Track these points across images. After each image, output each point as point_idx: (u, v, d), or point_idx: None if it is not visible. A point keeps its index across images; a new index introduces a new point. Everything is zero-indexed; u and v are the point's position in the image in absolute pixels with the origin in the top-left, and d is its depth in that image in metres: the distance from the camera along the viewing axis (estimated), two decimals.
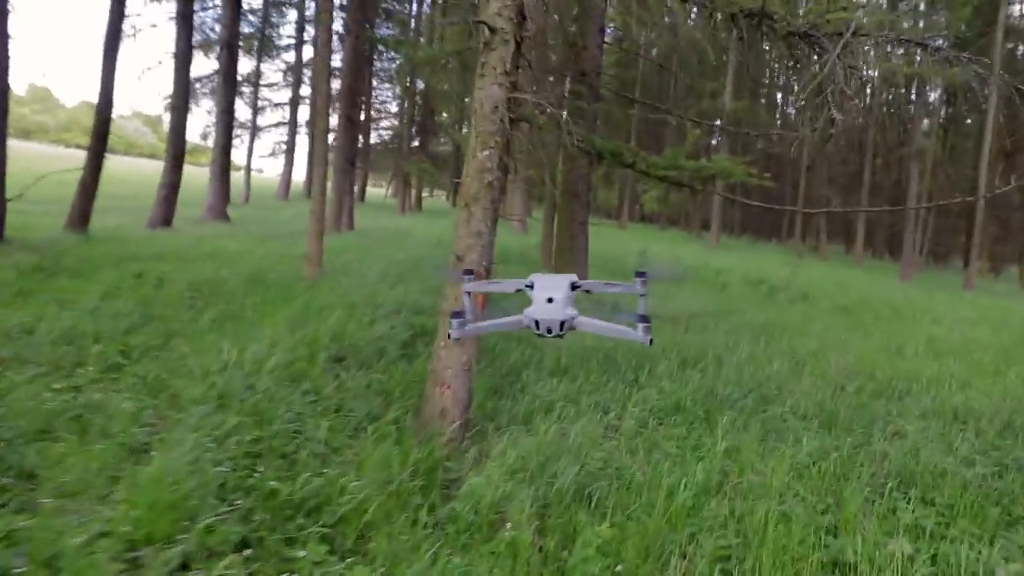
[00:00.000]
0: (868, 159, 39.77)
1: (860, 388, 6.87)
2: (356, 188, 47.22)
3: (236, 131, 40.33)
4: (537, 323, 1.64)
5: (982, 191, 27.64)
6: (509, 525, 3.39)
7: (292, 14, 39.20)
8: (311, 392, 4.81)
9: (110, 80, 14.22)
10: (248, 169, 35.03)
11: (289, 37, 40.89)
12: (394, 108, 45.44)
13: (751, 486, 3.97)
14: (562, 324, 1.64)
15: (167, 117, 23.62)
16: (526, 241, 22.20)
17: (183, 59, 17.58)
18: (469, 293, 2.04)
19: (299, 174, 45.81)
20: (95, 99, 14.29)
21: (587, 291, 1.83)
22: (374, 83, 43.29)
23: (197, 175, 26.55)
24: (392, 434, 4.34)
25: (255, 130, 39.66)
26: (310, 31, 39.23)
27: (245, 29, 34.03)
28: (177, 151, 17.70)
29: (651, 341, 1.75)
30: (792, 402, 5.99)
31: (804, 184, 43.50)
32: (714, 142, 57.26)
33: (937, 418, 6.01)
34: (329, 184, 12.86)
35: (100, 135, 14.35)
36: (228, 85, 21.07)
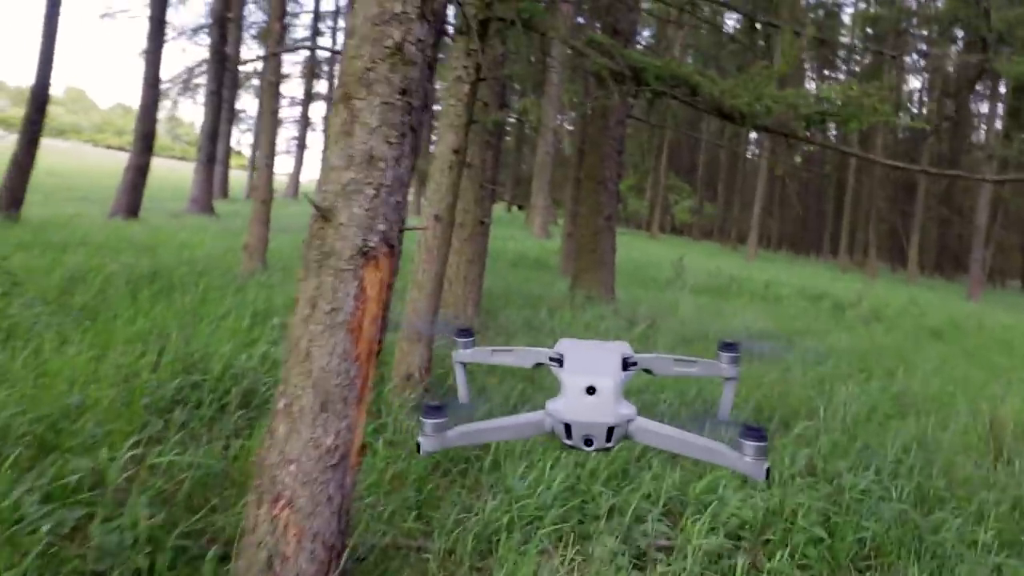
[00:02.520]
0: (923, 165, 36.42)
1: None
2: None
3: (245, 126, 38.55)
4: (568, 427, 0.98)
5: None
6: None
7: (308, 1, 37.25)
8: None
9: (49, 53, 11.88)
10: (253, 164, 32.93)
11: (304, 27, 38.86)
12: None
13: None
14: (611, 431, 0.98)
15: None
16: (546, 246, 19.63)
17: (157, 24, 15.38)
18: (464, 365, 1.32)
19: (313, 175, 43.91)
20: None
21: (647, 371, 1.16)
22: None
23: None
24: None
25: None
26: (328, 23, 37.29)
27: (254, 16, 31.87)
28: (146, 130, 15.45)
29: (768, 472, 0.98)
30: (992, 519, 3.29)
31: (851, 195, 40.35)
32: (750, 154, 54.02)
33: None
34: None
35: (38, 108, 12.05)
36: (216, 64, 18.87)
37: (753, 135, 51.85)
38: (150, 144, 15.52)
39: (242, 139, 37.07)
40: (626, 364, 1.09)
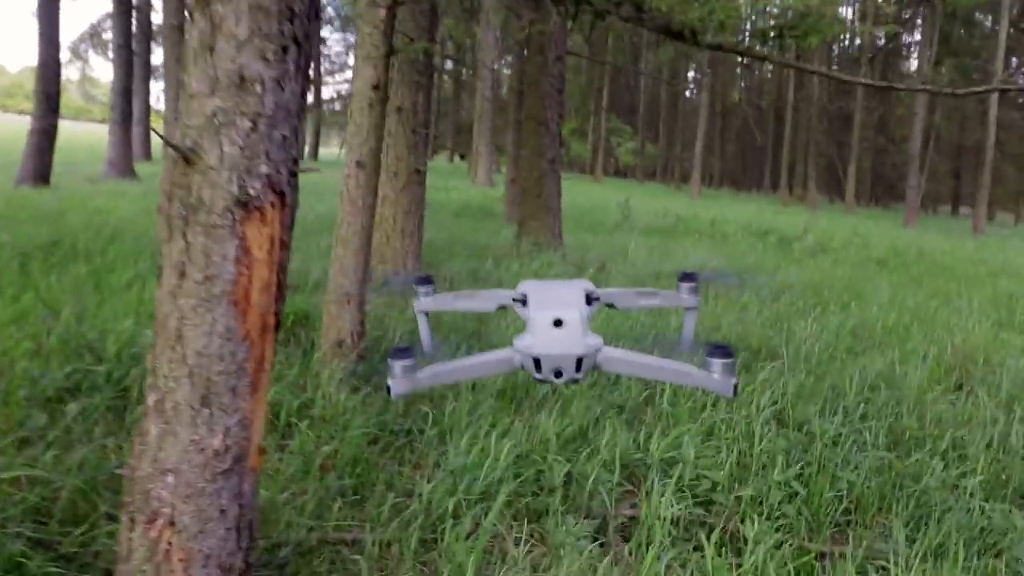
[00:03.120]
0: (858, 96, 36.81)
1: None
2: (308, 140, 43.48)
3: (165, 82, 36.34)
4: (538, 362, 1.00)
5: (992, 121, 25.02)
6: None
7: None
8: None
9: None
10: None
11: None
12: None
13: None
14: (579, 362, 1.01)
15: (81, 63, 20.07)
16: (490, 194, 19.13)
17: None
18: (427, 314, 1.31)
19: None
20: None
21: (610, 305, 1.16)
22: None
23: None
24: None
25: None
26: None
27: None
28: (48, 90, 14.20)
29: (736, 388, 1.02)
30: (973, 461, 3.11)
31: (789, 129, 40.67)
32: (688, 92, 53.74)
33: None
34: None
35: None
36: (122, 15, 17.39)
37: (692, 73, 51.58)
38: (55, 105, 14.28)
39: (162, 96, 34.86)
40: (589, 299, 1.09)
